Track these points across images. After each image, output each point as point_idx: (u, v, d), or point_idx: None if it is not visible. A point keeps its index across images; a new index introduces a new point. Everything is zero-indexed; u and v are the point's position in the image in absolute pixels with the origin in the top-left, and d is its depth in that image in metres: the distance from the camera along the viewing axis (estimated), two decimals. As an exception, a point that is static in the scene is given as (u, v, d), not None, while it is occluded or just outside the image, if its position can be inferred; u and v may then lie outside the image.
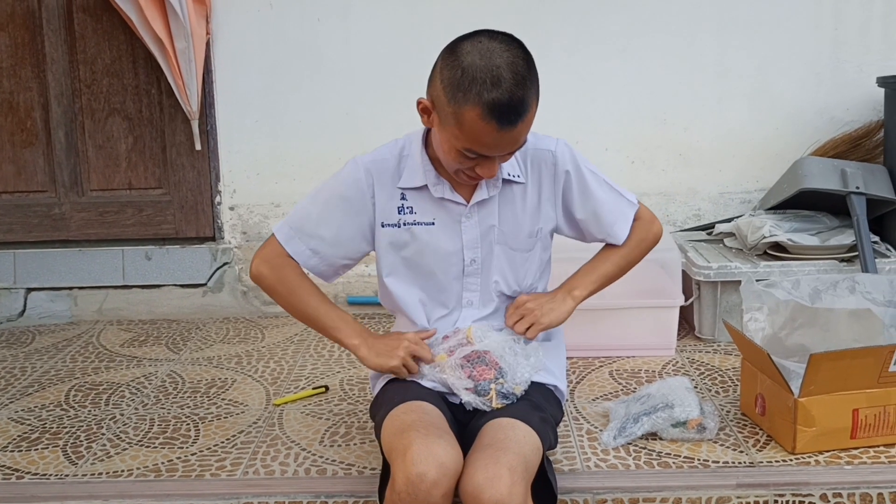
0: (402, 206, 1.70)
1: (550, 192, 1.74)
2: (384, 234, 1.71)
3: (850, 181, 2.66)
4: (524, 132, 1.53)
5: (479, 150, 1.52)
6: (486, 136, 1.49)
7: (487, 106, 1.46)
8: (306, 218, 1.73)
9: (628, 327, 2.54)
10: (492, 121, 1.47)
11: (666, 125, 3.06)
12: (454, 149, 1.54)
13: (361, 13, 3.01)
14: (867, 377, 1.89)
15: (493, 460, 1.47)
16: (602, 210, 1.78)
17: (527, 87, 1.49)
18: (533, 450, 1.55)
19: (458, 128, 1.50)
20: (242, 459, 1.98)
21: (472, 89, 1.46)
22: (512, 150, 1.56)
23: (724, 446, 1.97)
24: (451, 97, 1.49)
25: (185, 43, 2.85)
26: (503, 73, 1.47)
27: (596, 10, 3.00)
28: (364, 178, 1.69)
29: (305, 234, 1.73)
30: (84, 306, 3.12)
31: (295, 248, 1.73)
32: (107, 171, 3.12)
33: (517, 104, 1.47)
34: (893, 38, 2.98)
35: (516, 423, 1.58)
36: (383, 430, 1.61)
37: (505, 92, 1.46)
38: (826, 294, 2.10)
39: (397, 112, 2.93)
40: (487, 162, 1.55)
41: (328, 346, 2.76)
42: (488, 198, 1.69)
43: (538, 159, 1.73)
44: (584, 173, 1.76)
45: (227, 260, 3.12)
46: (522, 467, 1.48)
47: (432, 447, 1.46)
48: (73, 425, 2.20)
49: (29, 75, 3.06)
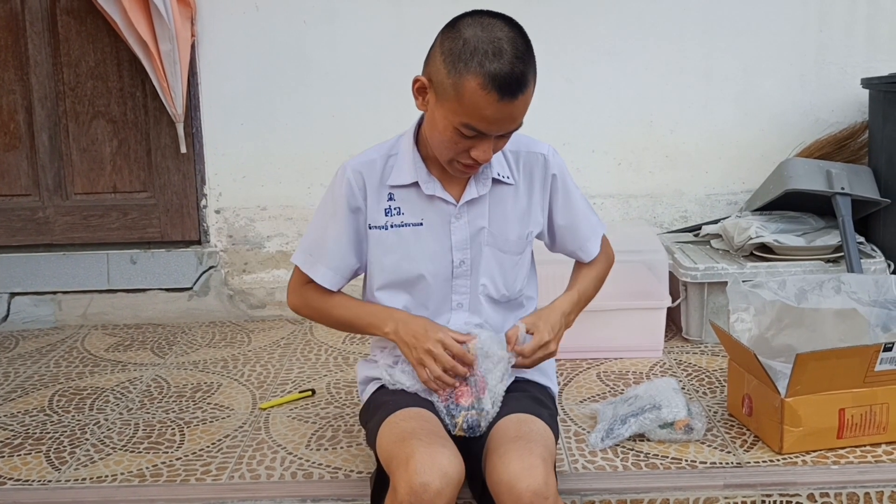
0: (389, 208, 1.68)
1: (540, 196, 1.73)
2: (371, 237, 1.70)
3: (835, 182, 2.67)
4: (522, 110, 1.52)
5: (477, 125, 1.50)
6: (486, 108, 1.47)
7: (489, 75, 1.45)
8: (317, 239, 1.73)
9: (616, 329, 2.54)
10: (493, 91, 1.46)
11: (652, 127, 3.07)
12: (451, 126, 1.52)
13: (348, 17, 3.00)
14: (853, 377, 1.89)
15: (528, 451, 1.48)
16: (580, 222, 1.78)
17: (527, 63, 1.49)
18: (553, 444, 1.59)
19: (458, 100, 1.48)
20: (228, 463, 1.96)
21: (473, 59, 1.46)
22: (509, 128, 1.54)
23: (712, 447, 1.97)
24: (452, 67, 1.47)
25: (170, 45, 2.84)
26: (505, 45, 1.47)
27: (583, 12, 3.00)
28: (354, 181, 1.68)
29: (321, 255, 1.71)
30: (68, 311, 3.09)
31: (318, 273, 1.71)
32: (91, 174, 3.10)
33: (518, 76, 1.47)
34: (877, 40, 3.00)
35: (534, 418, 1.61)
36: (380, 437, 1.60)
37: (507, 63, 1.45)
38: (812, 294, 2.11)
39: (383, 115, 2.94)
40: (484, 142, 1.53)
41: (315, 350, 2.74)
42: (478, 197, 1.67)
43: (530, 162, 1.72)
44: (568, 181, 1.76)
45: (213, 263, 3.10)
46: (551, 460, 1.52)
47: (436, 456, 1.45)
48: (56, 431, 2.17)
49: (12, 78, 3.04)
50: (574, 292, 1.77)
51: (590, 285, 1.81)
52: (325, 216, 1.72)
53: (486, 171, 1.67)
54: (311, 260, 1.72)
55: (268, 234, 3.11)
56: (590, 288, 1.81)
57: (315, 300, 1.75)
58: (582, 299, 1.79)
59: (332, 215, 1.70)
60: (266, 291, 3.12)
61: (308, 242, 1.74)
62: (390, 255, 1.69)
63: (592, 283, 1.82)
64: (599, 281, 1.84)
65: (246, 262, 3.12)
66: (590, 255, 1.82)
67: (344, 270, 1.72)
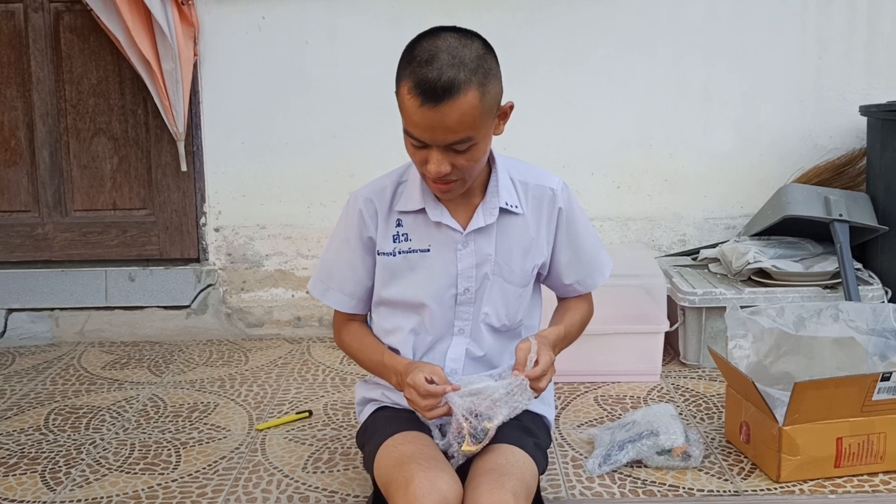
0: (397, 234, 1.69)
1: (546, 229, 1.72)
2: (379, 262, 1.71)
3: (833, 209, 2.68)
4: (455, 119, 1.47)
5: (412, 132, 1.51)
6: (413, 113, 1.49)
7: (414, 80, 1.46)
8: (330, 267, 1.75)
9: (613, 353, 2.54)
10: (417, 96, 1.46)
11: (651, 150, 3.08)
12: (405, 135, 1.55)
13: (349, 36, 3.02)
14: (851, 406, 1.89)
15: (498, 485, 1.47)
16: (583, 256, 1.75)
17: (463, 72, 1.46)
18: (532, 475, 1.56)
19: (400, 108, 1.52)
20: (224, 486, 1.95)
21: (408, 66, 1.48)
22: (446, 138, 1.50)
23: (709, 474, 1.97)
24: (397, 78, 1.51)
25: (173, 64, 2.85)
26: (441, 54, 1.46)
27: (583, 34, 3.02)
28: (365, 209, 1.69)
29: (336, 281, 1.74)
30: (65, 328, 3.09)
31: (332, 298, 1.74)
32: (91, 191, 3.11)
33: (445, 84, 1.44)
34: (876, 67, 3.02)
35: (514, 448, 1.58)
36: (378, 460, 1.59)
37: (434, 70, 1.44)
38: (810, 322, 2.11)
39: (384, 135, 2.95)
40: (433, 153, 1.52)
41: (312, 370, 2.74)
42: (485, 226, 1.67)
43: (539, 195, 1.71)
44: (575, 216, 1.73)
45: (212, 282, 3.10)
46: (525, 493, 1.49)
47: (435, 481, 1.45)
48: (52, 450, 2.17)
49: (14, 94, 3.05)
50: (561, 327, 1.72)
51: (575, 323, 1.76)
52: (339, 243, 1.74)
53: (493, 201, 1.67)
54: (324, 286, 1.75)
55: (267, 252, 3.11)
56: (575, 325, 1.76)
57: (346, 343, 1.79)
58: (567, 337, 1.74)
59: (344, 242, 1.72)
60: (264, 310, 3.11)
61: (322, 270, 1.77)
62: (396, 280, 1.69)
63: (577, 324, 1.77)
64: (582, 325, 1.79)
65: (244, 281, 3.12)
66: (587, 289, 1.78)
67: (360, 294, 1.74)
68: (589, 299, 1.82)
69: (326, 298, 1.75)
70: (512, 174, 1.70)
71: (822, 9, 2.99)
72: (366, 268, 1.72)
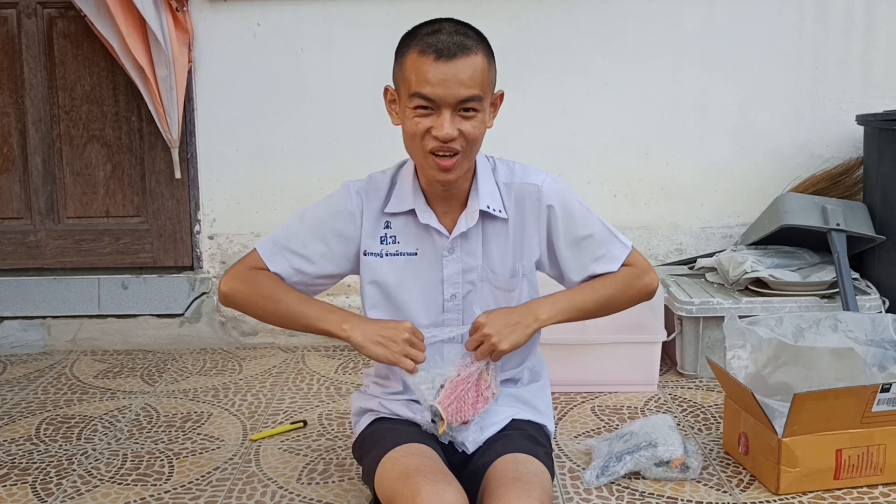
0: (385, 236, 1.68)
1: (534, 229, 1.70)
2: (365, 263, 1.69)
3: (830, 218, 2.68)
4: (468, 74, 1.52)
5: (424, 91, 1.52)
6: (428, 72, 1.52)
7: (425, 42, 1.53)
8: (293, 237, 1.70)
9: (610, 362, 2.53)
10: (430, 53, 1.52)
11: (648, 159, 3.07)
12: (408, 109, 1.56)
13: (344, 44, 3.00)
14: (850, 417, 1.88)
15: (525, 493, 1.47)
16: (588, 246, 1.70)
17: (470, 38, 1.55)
18: (549, 484, 1.56)
19: (405, 80, 1.55)
20: (217, 497, 1.93)
21: (414, 37, 1.56)
22: (459, 93, 1.52)
23: (708, 486, 1.95)
24: (400, 54, 1.57)
25: (167, 71, 2.83)
26: (446, 25, 1.56)
27: (580, 43, 3.01)
28: (355, 202, 1.68)
29: (291, 252, 1.68)
30: (58, 336, 3.06)
31: (278, 264, 1.68)
32: (84, 198, 3.08)
33: (457, 42, 1.53)
34: (872, 77, 3.02)
35: (530, 458, 1.58)
36: (381, 473, 1.57)
37: (444, 34, 1.54)
38: (809, 332, 2.10)
39: (379, 142, 2.92)
40: (440, 116, 1.53)
41: (307, 380, 2.71)
42: (468, 232, 1.66)
43: (523, 193, 1.69)
44: (571, 208, 1.69)
45: (206, 290, 3.08)
46: (548, 501, 1.50)
47: (442, 494, 1.44)
48: (43, 461, 2.14)
49: (7, 100, 3.03)
50: (560, 294, 1.68)
51: (585, 295, 1.68)
52: (313, 218, 1.69)
53: (473, 205, 1.65)
54: (275, 248, 1.69)
55: (261, 260, 3.09)
56: (583, 297, 1.68)
57: (264, 283, 1.66)
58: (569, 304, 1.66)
59: (319, 221, 1.68)
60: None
61: (281, 233, 1.70)
62: (383, 283, 1.68)
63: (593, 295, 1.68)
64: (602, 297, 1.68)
65: (238, 289, 3.09)
66: (602, 268, 1.70)
67: (305, 274, 1.68)
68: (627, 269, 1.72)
69: (271, 261, 1.67)
70: (497, 177, 1.70)
71: (819, 19, 2.99)
72: (322, 256, 1.67)
